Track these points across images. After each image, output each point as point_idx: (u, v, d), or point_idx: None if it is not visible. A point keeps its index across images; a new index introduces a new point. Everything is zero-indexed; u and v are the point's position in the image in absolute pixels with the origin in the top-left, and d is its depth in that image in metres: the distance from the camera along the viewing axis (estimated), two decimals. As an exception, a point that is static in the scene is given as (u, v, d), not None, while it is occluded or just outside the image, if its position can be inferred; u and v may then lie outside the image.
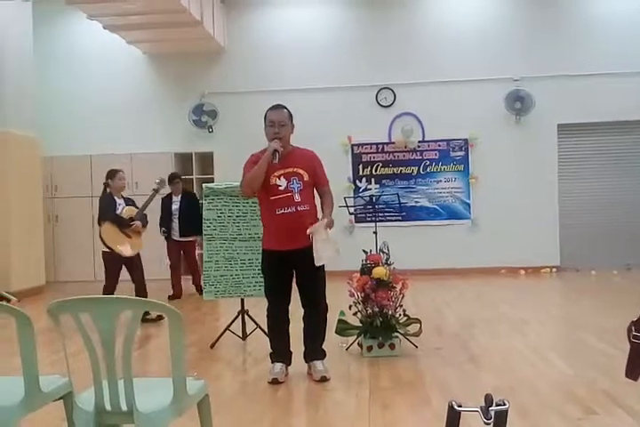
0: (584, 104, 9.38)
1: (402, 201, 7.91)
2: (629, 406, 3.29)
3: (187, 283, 8.21)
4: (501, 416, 1.42)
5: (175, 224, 7.91)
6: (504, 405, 1.42)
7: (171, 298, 7.70)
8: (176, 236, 7.94)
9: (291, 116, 4.12)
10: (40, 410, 2.48)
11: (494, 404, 1.41)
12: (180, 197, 8.03)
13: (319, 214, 4.15)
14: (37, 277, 8.73)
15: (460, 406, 1.45)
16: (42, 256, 8.94)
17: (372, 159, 9.80)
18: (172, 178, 8.06)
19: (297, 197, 4.02)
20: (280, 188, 4.01)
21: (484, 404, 1.42)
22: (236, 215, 5.23)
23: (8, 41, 8.24)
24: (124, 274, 6.44)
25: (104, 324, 2.14)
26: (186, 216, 7.85)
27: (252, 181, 4.02)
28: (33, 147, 8.73)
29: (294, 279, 4.20)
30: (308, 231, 3.94)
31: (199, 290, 7.71)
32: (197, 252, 7.93)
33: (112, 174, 6.54)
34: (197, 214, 6.94)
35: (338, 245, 4.09)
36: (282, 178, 4.02)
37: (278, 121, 4.03)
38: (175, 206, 7.94)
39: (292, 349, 4.26)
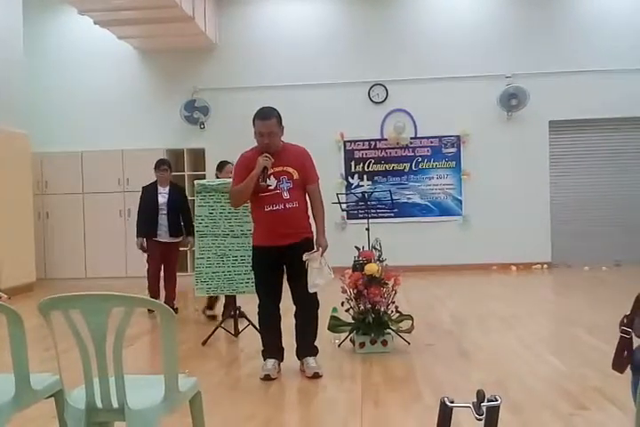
0: (575, 101, 9.40)
1: (394, 198, 7.90)
2: (620, 402, 3.30)
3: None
4: (493, 412, 1.43)
5: (164, 222, 6.49)
6: (496, 401, 1.42)
7: (150, 312, 5.80)
8: (163, 236, 6.50)
9: (279, 119, 4.06)
10: (31, 408, 2.47)
11: (486, 400, 1.42)
12: (167, 188, 6.62)
13: (309, 212, 4.17)
14: (28, 275, 8.68)
15: (452, 402, 1.45)
16: (32, 253, 8.89)
17: (364, 156, 9.80)
18: (160, 164, 6.69)
19: (285, 195, 4.02)
20: (269, 187, 4.02)
21: (475, 400, 1.42)
22: (228, 212, 5.23)
23: (-3, 36, 8.18)
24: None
25: (95, 321, 2.13)
26: (176, 212, 6.54)
27: (240, 196, 4.09)
28: (23, 143, 8.67)
29: (285, 276, 4.20)
30: (304, 258, 3.98)
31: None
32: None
33: (221, 166, 6.22)
34: (188, 211, 6.54)
35: (331, 274, 4.11)
36: (271, 177, 4.02)
37: (267, 132, 3.99)
38: (163, 199, 6.52)
39: (284, 345, 4.26)
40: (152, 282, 6.64)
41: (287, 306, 4.22)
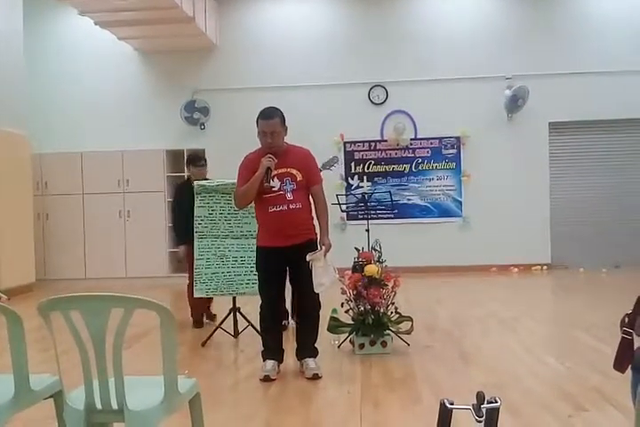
0: (576, 102, 9.40)
1: (394, 199, 7.90)
2: (620, 403, 3.31)
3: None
4: (493, 414, 1.43)
5: None
6: (496, 402, 1.42)
7: (195, 326, 5.86)
8: None
9: (283, 119, 4.08)
10: (30, 408, 2.47)
11: (486, 402, 1.42)
12: None
13: (313, 213, 4.18)
14: (27, 275, 8.68)
15: (452, 404, 1.45)
16: (32, 254, 8.88)
17: (364, 157, 9.80)
18: (197, 159, 6.05)
19: (289, 196, 4.03)
20: (273, 188, 4.03)
21: (475, 402, 1.42)
22: (228, 213, 5.22)
23: (-2, 37, 8.18)
24: None
25: (94, 322, 2.13)
26: None
27: (244, 197, 4.08)
28: (23, 144, 8.67)
29: (288, 277, 4.21)
30: (307, 258, 3.98)
31: (210, 316, 6.09)
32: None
33: None
34: None
35: (336, 274, 4.13)
36: (275, 179, 4.03)
37: (270, 131, 4.01)
38: None
39: (283, 346, 4.26)
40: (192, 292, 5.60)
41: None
